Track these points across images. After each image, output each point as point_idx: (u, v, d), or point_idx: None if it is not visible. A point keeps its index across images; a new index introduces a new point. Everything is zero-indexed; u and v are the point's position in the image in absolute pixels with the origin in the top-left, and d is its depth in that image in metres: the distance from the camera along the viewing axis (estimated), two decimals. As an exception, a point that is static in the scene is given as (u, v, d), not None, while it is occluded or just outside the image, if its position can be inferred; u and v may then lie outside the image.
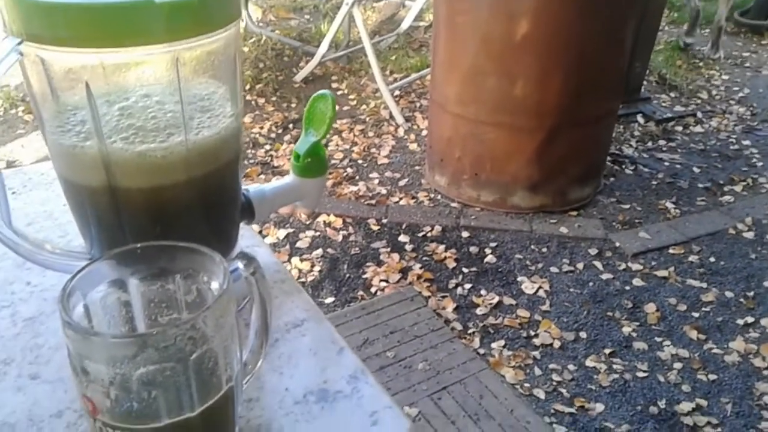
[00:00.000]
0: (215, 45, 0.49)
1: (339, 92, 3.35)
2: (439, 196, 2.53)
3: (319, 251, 2.22)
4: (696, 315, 2.00)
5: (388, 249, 2.23)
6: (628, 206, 2.54)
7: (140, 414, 0.38)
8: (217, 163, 0.51)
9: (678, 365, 1.81)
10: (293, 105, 3.24)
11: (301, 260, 2.16)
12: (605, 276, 2.15)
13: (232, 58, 0.51)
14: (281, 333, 0.56)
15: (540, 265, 2.17)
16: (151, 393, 0.37)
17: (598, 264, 2.20)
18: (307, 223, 2.36)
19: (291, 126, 3.04)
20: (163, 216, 0.51)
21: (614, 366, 1.81)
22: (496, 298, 2.01)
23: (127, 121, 0.49)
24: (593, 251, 2.25)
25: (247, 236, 0.68)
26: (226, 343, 0.40)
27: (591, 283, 2.11)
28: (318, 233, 2.31)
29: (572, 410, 1.66)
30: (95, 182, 0.48)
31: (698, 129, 3.23)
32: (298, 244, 2.24)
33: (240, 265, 0.44)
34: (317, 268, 2.13)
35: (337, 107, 0.62)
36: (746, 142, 3.12)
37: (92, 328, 0.40)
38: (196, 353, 0.37)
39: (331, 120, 0.61)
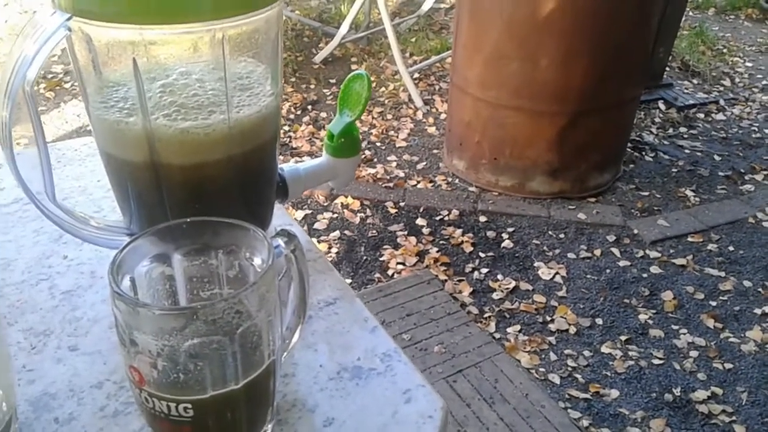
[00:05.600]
0: (259, 24, 0.49)
1: (357, 74, 3.34)
2: (457, 180, 2.52)
3: (337, 233, 2.23)
4: (713, 304, 1.99)
5: (405, 232, 2.23)
6: (647, 193, 2.52)
7: (186, 385, 0.38)
8: (257, 142, 0.52)
9: (694, 353, 1.81)
10: (312, 86, 3.24)
11: (319, 242, 2.17)
12: (623, 263, 2.14)
13: (274, 37, 0.51)
14: (314, 311, 0.57)
15: (557, 251, 2.17)
16: (197, 365, 0.38)
17: (615, 251, 2.19)
18: (325, 204, 2.37)
19: (310, 107, 3.04)
20: (202, 193, 0.52)
21: (630, 353, 1.81)
22: (513, 283, 2.01)
23: (168, 98, 0.49)
24: (611, 238, 2.25)
25: (278, 215, 0.69)
26: (270, 318, 0.40)
27: (608, 270, 2.11)
28: (335, 215, 2.31)
29: (587, 396, 1.67)
30: (138, 158, 0.49)
31: (720, 116, 3.19)
32: (316, 226, 2.25)
33: (281, 242, 0.45)
34: (334, 250, 2.14)
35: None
36: (769, 131, 3.09)
37: (134, 298, 0.41)
38: (242, 327, 0.38)
39: (367, 100, 0.61)
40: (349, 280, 2.01)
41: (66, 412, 0.46)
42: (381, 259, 2.11)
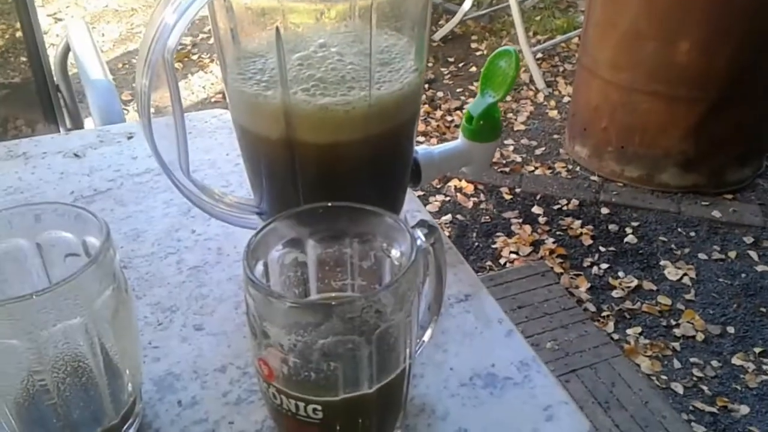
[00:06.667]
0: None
1: (478, 53, 3.25)
2: (578, 168, 2.39)
3: (449, 216, 2.18)
4: None
5: (520, 220, 2.15)
6: (793, 193, 2.28)
7: (316, 385, 0.35)
8: (395, 121, 0.48)
9: (843, 375, 1.62)
10: (430, 64, 3.18)
11: (430, 223, 2.13)
12: (761, 268, 1.95)
13: (422, 8, 0.47)
14: (444, 307, 0.52)
15: (686, 250, 2.01)
16: (330, 365, 0.35)
17: (753, 254, 2.00)
18: (438, 187, 2.32)
19: (427, 86, 2.99)
20: (336, 174, 0.49)
21: (764, 367, 1.65)
22: (635, 282, 1.88)
23: (307, 71, 0.46)
24: (749, 240, 2.05)
25: (407, 200, 0.65)
26: (409, 318, 0.36)
27: (744, 275, 1.93)
28: (448, 198, 2.26)
29: (713, 410, 1.53)
30: (273, 134, 0.46)
31: None
32: (428, 208, 2.21)
33: (421, 234, 0.41)
34: (446, 234, 2.10)
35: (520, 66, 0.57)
36: None
37: (270, 287, 0.38)
38: (380, 328, 0.34)
39: (513, 80, 0.56)
40: (459, 266, 1.96)
41: (189, 395, 0.45)
42: (493, 246, 2.04)
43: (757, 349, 1.69)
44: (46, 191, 0.67)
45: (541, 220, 2.15)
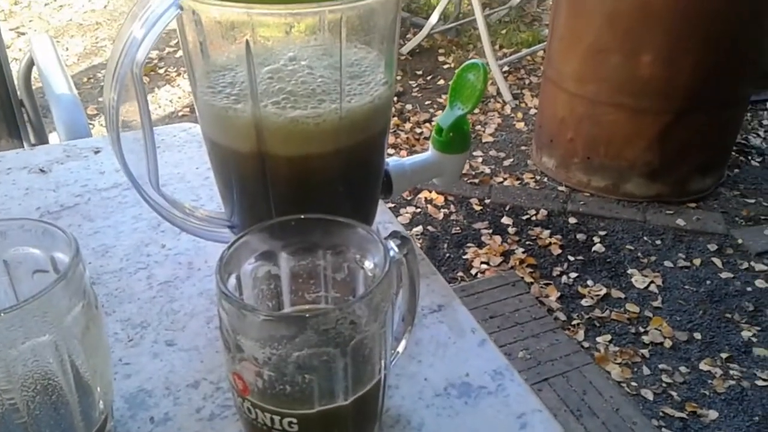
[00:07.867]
0: (375, 6, 0.45)
1: (445, 66, 3.28)
2: (545, 179, 2.43)
3: (420, 228, 2.19)
4: (828, 325, 1.82)
5: (490, 231, 2.17)
6: (753, 201, 2.34)
7: (292, 398, 0.35)
8: (366, 134, 0.48)
9: (805, 378, 1.66)
10: (398, 77, 3.20)
11: (402, 236, 2.14)
12: (725, 275, 2.00)
13: (390, 22, 0.47)
14: (418, 318, 0.53)
15: (653, 258, 2.05)
16: (305, 378, 0.35)
17: (717, 261, 2.05)
18: (409, 198, 2.33)
19: (395, 99, 3.01)
20: (307, 187, 0.49)
21: (731, 372, 1.68)
22: (604, 290, 1.91)
23: (277, 84, 0.46)
24: (712, 247, 2.10)
25: (378, 212, 0.65)
26: (383, 329, 0.37)
27: (708, 281, 1.97)
28: (419, 210, 2.27)
29: (683, 415, 1.56)
30: (244, 148, 0.46)
31: (837, 121, 2.94)
32: (399, 220, 2.22)
33: (393, 245, 0.41)
34: (416, 246, 2.10)
35: (489, 79, 0.58)
36: None
37: (243, 301, 0.38)
38: (355, 339, 0.34)
39: (482, 93, 0.57)
40: (431, 277, 1.97)
41: (162, 412, 0.44)
42: (464, 257, 2.05)
43: (724, 355, 1.73)
44: (11, 207, 0.65)
45: (511, 230, 2.17)
